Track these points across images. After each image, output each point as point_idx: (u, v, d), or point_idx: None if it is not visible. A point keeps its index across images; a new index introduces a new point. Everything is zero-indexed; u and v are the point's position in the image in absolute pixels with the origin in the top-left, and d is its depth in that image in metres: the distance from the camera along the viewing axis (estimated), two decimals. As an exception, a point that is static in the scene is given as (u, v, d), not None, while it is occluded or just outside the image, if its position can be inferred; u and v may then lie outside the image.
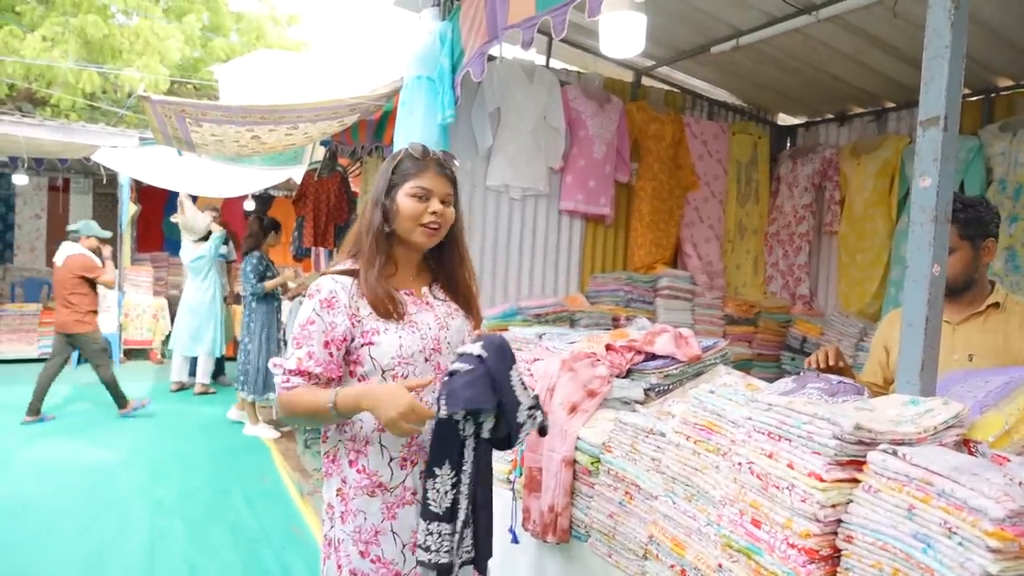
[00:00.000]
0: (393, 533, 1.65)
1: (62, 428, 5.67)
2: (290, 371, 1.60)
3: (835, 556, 1.27)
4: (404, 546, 1.65)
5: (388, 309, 1.63)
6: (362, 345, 1.63)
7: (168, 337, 9.00)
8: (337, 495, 1.68)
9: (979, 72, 3.88)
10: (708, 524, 1.55)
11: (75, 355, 8.27)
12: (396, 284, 1.71)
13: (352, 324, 1.62)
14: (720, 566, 1.47)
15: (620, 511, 1.88)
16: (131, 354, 8.86)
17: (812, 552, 1.26)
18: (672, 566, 1.65)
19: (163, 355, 8.96)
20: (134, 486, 4.44)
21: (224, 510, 4.10)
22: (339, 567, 1.66)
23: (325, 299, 1.62)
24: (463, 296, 1.80)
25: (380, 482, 1.64)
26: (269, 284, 5.74)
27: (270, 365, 1.66)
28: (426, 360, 1.67)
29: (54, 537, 3.63)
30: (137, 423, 5.95)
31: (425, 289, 1.78)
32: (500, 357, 1.59)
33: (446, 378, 1.57)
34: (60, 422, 5.85)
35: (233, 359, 7.96)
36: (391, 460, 1.65)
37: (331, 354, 1.61)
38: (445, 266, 1.80)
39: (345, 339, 1.62)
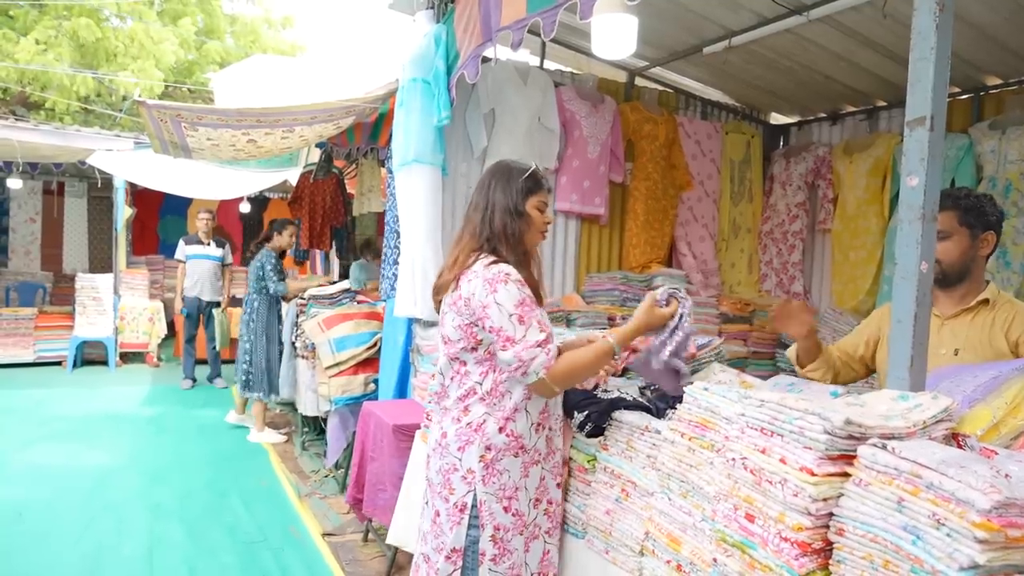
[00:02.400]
0: (525, 489, 1.91)
1: (60, 431, 5.67)
2: (543, 342, 1.81)
3: (827, 549, 1.29)
4: (531, 500, 1.92)
5: (540, 296, 1.96)
6: None
7: (164, 340, 9.02)
8: (480, 460, 1.88)
9: (968, 71, 3.91)
10: (703, 519, 1.57)
11: (71, 358, 8.29)
12: None
13: None
14: (715, 560, 1.50)
15: (617, 508, 1.91)
16: (127, 357, 8.85)
17: (804, 545, 1.29)
18: (668, 561, 1.67)
19: (159, 358, 8.96)
20: (132, 489, 4.44)
21: (222, 512, 4.10)
22: (482, 526, 1.87)
23: (518, 279, 1.87)
24: (537, 288, 2.02)
25: (523, 444, 1.90)
26: (293, 286, 5.63)
27: (514, 357, 1.81)
28: None
29: (52, 540, 3.63)
30: (136, 427, 5.95)
31: None
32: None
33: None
34: (58, 425, 5.84)
35: (229, 362, 7.96)
36: (532, 424, 1.91)
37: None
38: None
39: None
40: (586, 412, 2.08)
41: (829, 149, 4.79)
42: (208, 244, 7.46)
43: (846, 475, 1.29)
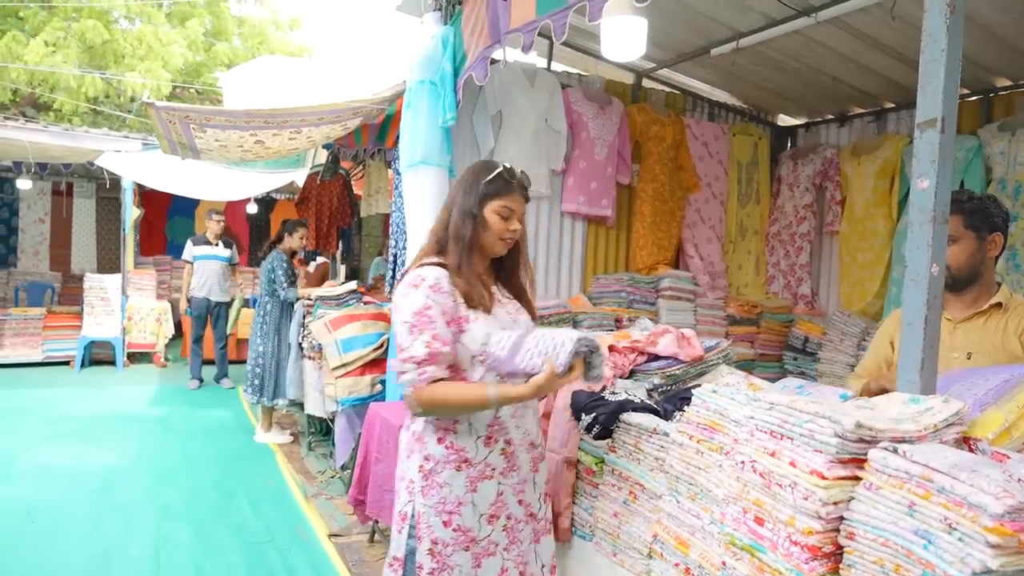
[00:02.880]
0: (473, 504, 1.79)
1: (69, 431, 5.69)
2: (421, 360, 1.69)
3: (837, 553, 1.29)
4: (483, 516, 1.80)
5: (482, 299, 1.80)
6: (455, 332, 1.76)
7: (171, 341, 9.05)
8: (419, 471, 1.80)
9: (977, 73, 3.90)
10: (712, 522, 1.57)
11: (79, 358, 8.33)
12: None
13: (455, 307, 1.76)
14: (724, 564, 1.49)
15: (624, 510, 1.90)
16: (135, 357, 8.88)
17: (815, 549, 1.28)
18: (676, 564, 1.67)
19: (166, 358, 8.99)
20: (140, 489, 4.45)
21: (229, 512, 4.11)
22: (419, 538, 1.78)
23: (433, 284, 1.74)
24: (523, 296, 1.97)
25: (466, 457, 1.78)
26: (303, 292, 5.59)
27: (394, 366, 1.77)
28: None
29: (60, 540, 3.65)
30: (144, 427, 5.97)
31: (494, 288, 1.92)
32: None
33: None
34: (67, 425, 5.87)
35: (237, 363, 7.99)
36: (477, 438, 1.79)
37: (452, 332, 1.74)
38: (508, 269, 1.96)
39: (453, 319, 1.75)
40: (594, 414, 2.08)
41: (837, 151, 4.78)
42: (216, 245, 7.48)
43: (856, 479, 1.28)
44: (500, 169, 1.83)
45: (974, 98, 4.12)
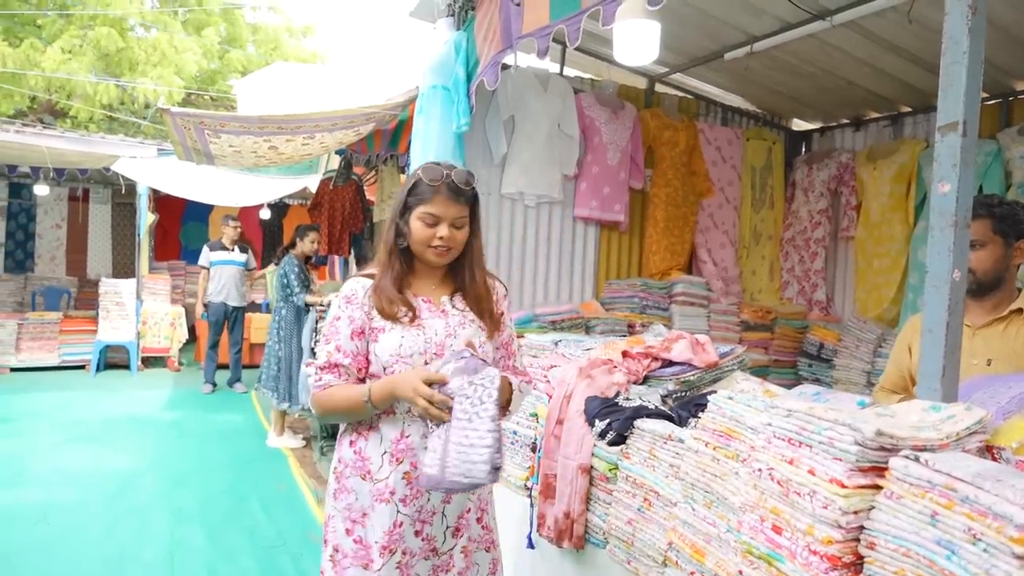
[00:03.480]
0: (372, 527, 1.71)
1: (85, 435, 5.73)
2: (321, 368, 1.72)
3: (857, 563, 1.26)
4: (379, 544, 1.69)
5: (392, 312, 1.73)
6: (370, 341, 1.74)
7: (185, 345, 9.11)
8: (333, 473, 1.80)
9: (995, 75, 3.85)
10: (728, 531, 1.55)
11: (94, 362, 8.40)
12: (415, 291, 1.81)
13: (367, 319, 1.74)
14: (741, 573, 1.47)
15: (639, 517, 1.88)
16: (149, 362, 8.95)
17: (834, 559, 1.26)
18: (692, 573, 1.65)
19: (180, 362, 9.04)
20: (154, 492, 4.48)
21: (242, 516, 4.12)
22: (326, 540, 1.77)
23: (347, 296, 1.77)
24: (480, 305, 1.83)
25: (368, 469, 1.72)
26: (310, 299, 5.59)
27: (304, 368, 1.77)
28: (426, 363, 1.73)
29: (75, 542, 3.67)
30: (158, 431, 6.00)
31: (445, 298, 1.83)
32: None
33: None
34: (82, 428, 5.91)
35: (250, 367, 8.02)
36: (384, 452, 1.72)
37: (357, 345, 1.73)
38: (460, 280, 1.85)
39: (363, 330, 1.74)
40: (607, 420, 2.06)
41: (852, 155, 4.73)
42: (232, 250, 7.55)
43: (877, 487, 1.26)
44: (420, 174, 1.74)
45: (992, 102, 4.07)
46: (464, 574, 1.80)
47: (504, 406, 1.72)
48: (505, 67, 3.12)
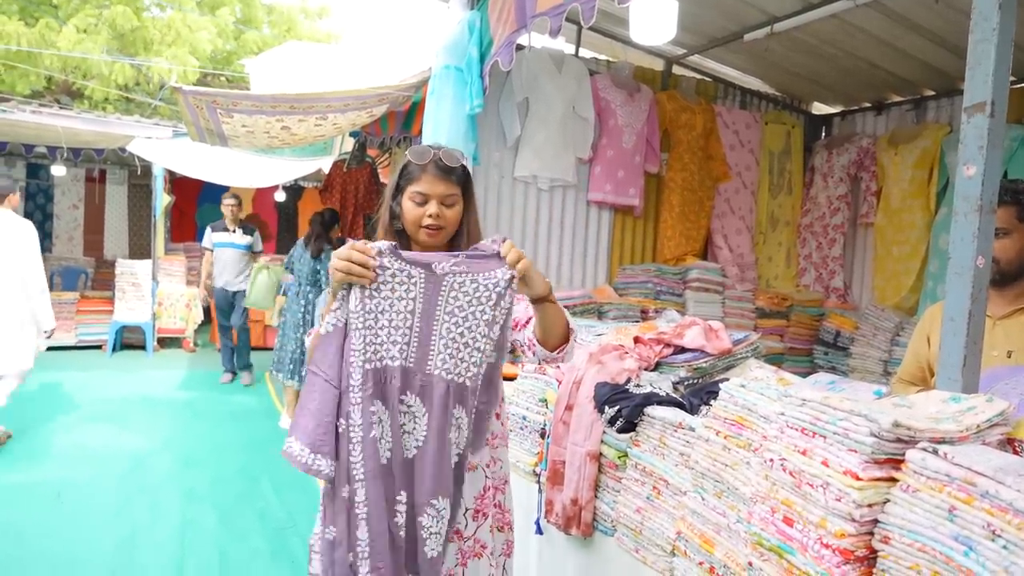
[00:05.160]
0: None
1: (99, 415, 5.79)
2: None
3: (871, 557, 1.23)
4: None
5: None
6: None
7: (201, 326, 9.15)
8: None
9: (1021, 57, 3.73)
10: (738, 521, 1.52)
11: (111, 342, 8.48)
12: None
13: None
14: (750, 564, 1.44)
15: (648, 506, 1.86)
16: (164, 342, 9.02)
17: (847, 552, 1.23)
18: (701, 563, 1.62)
19: (195, 343, 9.11)
20: (167, 472, 4.52)
21: (253, 498, 4.15)
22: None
23: None
24: None
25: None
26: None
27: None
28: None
29: (88, 521, 3.71)
30: (172, 412, 6.05)
31: None
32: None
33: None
34: (97, 408, 5.97)
35: (260, 349, 8.03)
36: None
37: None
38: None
39: None
40: (617, 407, 2.03)
41: (873, 140, 4.64)
42: (233, 231, 7.07)
43: (893, 480, 1.22)
44: (408, 155, 1.74)
45: (1019, 85, 3.96)
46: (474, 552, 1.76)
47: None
48: (520, 48, 3.07)
